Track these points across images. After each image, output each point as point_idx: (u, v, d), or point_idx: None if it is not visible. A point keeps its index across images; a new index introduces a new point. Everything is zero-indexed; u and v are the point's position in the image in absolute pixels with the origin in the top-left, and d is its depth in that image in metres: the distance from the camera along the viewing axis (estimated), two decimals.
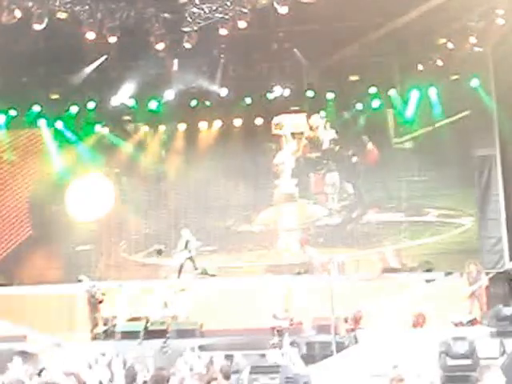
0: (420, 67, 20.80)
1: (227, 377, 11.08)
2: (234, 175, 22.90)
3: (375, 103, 21.86)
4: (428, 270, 19.59)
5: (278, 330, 16.12)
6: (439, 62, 20.62)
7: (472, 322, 16.91)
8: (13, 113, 22.63)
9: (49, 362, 12.74)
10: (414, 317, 17.30)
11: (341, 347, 15.37)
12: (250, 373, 11.59)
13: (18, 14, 17.47)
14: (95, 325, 18.34)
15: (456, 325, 16.82)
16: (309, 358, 14.75)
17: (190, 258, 20.46)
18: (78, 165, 23.42)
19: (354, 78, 21.44)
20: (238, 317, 17.64)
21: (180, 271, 20.42)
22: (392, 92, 21.58)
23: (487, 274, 17.88)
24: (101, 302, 18.58)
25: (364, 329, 16.62)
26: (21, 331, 17.88)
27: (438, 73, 20.87)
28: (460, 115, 21.37)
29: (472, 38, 19.83)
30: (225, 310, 17.98)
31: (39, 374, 10.32)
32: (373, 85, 21.47)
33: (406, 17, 18.66)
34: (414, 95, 21.49)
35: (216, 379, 10.20)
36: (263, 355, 13.88)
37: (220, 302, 18.37)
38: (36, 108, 22.44)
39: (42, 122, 23.02)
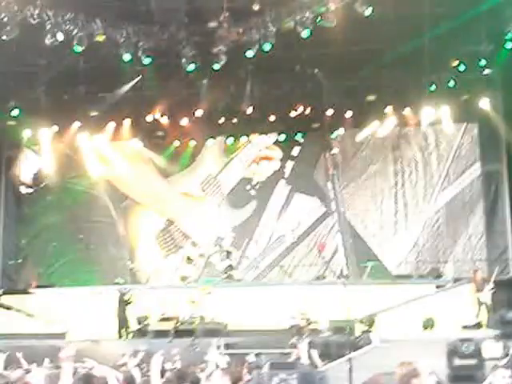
0: (433, 88, 20.92)
1: (249, 372, 11.30)
2: None
3: (391, 121, 22.02)
4: (437, 277, 19.72)
5: (296, 329, 16.29)
6: (451, 83, 20.76)
7: (478, 326, 17.03)
8: (55, 128, 23.01)
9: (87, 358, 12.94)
10: (424, 320, 17.42)
11: (355, 347, 15.49)
12: (270, 368, 11.75)
13: (60, 36, 17.86)
14: (123, 324, 18.58)
15: (463, 328, 16.93)
16: (325, 357, 14.87)
17: (230, 267, 20.75)
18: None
19: (371, 97, 21.62)
20: (260, 318, 17.82)
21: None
22: (406, 111, 21.69)
23: (493, 281, 17.94)
24: (130, 303, 18.84)
25: (377, 330, 16.75)
26: (60, 329, 18.18)
27: (449, 93, 20.99)
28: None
29: (482, 60, 20.01)
30: (248, 311, 18.18)
31: None
32: (388, 104, 21.66)
33: (420, 40, 18.85)
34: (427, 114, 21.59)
35: (240, 373, 10.43)
36: (282, 354, 14.05)
37: (243, 304, 18.57)
38: (76, 124, 22.80)
39: (82, 137, 23.35)
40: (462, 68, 20.41)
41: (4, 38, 17.49)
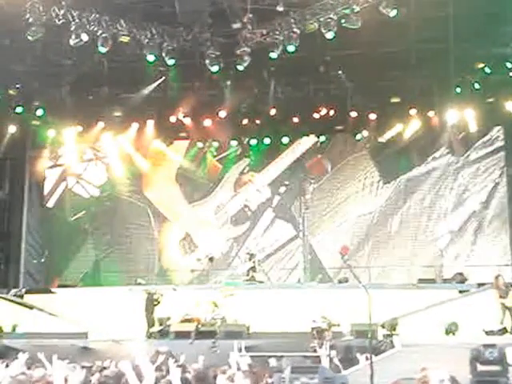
0: (458, 90, 20.76)
1: (271, 375, 11.29)
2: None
3: (415, 124, 21.88)
4: (461, 282, 19.57)
5: (317, 331, 16.22)
6: (476, 86, 20.62)
7: (502, 331, 16.85)
8: (79, 128, 23.13)
9: (109, 358, 12.99)
10: (446, 325, 17.28)
11: (377, 351, 15.39)
12: (292, 372, 11.72)
13: (84, 37, 17.97)
14: (151, 325, 18.61)
15: (487, 333, 16.76)
16: (347, 361, 14.79)
17: (253, 268, 20.75)
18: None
19: (395, 99, 21.52)
20: (281, 321, 17.79)
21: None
22: (431, 113, 21.55)
23: None
24: (158, 303, 18.87)
25: (399, 335, 16.64)
26: (83, 329, 18.26)
27: (474, 96, 20.84)
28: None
29: (508, 63, 19.86)
30: (269, 314, 18.15)
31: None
32: (413, 106, 21.53)
33: (446, 42, 18.76)
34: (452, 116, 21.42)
35: (260, 376, 10.43)
36: (304, 357, 13.99)
37: (265, 306, 18.55)
38: (100, 124, 22.91)
39: (105, 137, 23.47)
40: (487, 70, 20.28)
41: (29, 38, 17.65)
